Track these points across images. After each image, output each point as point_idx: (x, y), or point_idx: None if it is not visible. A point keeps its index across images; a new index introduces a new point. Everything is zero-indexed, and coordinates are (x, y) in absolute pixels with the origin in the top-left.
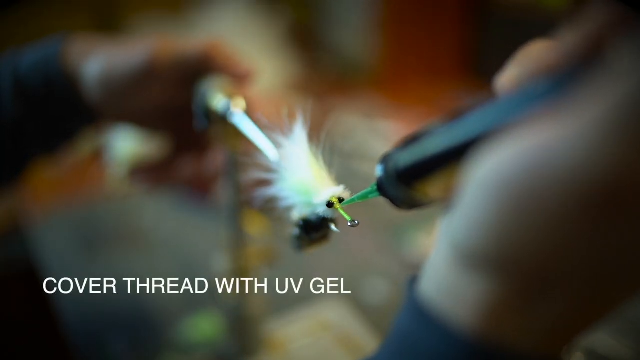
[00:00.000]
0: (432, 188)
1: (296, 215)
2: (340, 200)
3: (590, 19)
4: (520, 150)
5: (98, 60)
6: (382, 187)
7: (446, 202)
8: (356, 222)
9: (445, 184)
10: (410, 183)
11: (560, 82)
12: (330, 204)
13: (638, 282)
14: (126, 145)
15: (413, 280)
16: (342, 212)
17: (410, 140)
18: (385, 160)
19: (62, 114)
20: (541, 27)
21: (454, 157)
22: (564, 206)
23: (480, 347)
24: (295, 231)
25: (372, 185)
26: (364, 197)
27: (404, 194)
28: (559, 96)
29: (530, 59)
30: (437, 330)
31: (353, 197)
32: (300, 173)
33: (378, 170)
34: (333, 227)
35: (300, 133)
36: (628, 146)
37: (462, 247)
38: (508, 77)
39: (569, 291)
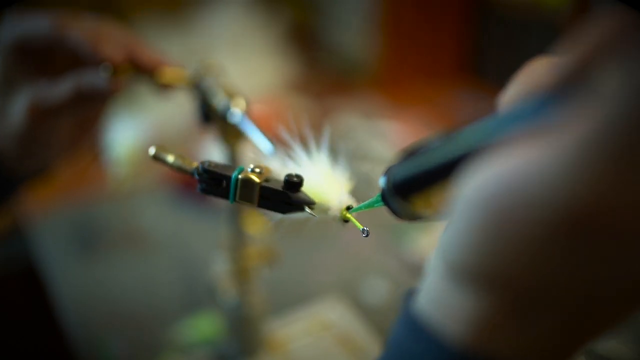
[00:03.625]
0: (427, 202)
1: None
2: (349, 208)
3: (589, 33)
4: (499, 171)
5: None
6: (384, 198)
7: (443, 216)
8: (367, 229)
9: (440, 199)
10: (406, 197)
11: (546, 103)
12: (346, 220)
13: (622, 306)
14: (125, 144)
15: (409, 294)
16: (354, 221)
17: (407, 154)
18: (387, 172)
19: None
20: (541, 27)
21: (446, 173)
22: (535, 229)
23: (468, 357)
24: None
25: (377, 196)
26: (370, 206)
27: (401, 207)
28: (543, 117)
29: (530, 76)
30: (429, 343)
31: (359, 205)
32: (314, 178)
33: (381, 182)
34: (308, 210)
35: (323, 142)
36: (598, 174)
37: (452, 262)
38: (509, 95)
39: (555, 311)
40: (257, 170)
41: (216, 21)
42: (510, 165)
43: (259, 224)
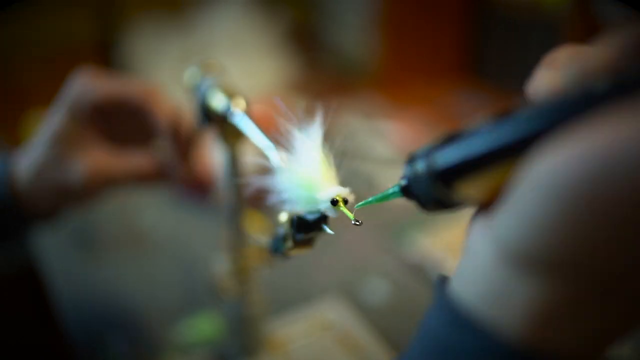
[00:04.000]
0: (473, 188)
1: (286, 213)
2: (345, 201)
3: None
4: (587, 151)
5: (29, 157)
6: (408, 188)
7: (484, 203)
8: (359, 221)
9: (489, 184)
10: (450, 182)
11: (623, 83)
12: (334, 202)
13: None
14: None
15: (443, 281)
16: (345, 211)
17: (450, 139)
18: (415, 159)
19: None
20: (541, 27)
21: (505, 156)
22: (624, 211)
23: (524, 354)
24: (281, 231)
25: (394, 186)
26: (385, 198)
27: (440, 194)
28: (624, 97)
29: (571, 62)
30: (477, 336)
31: (370, 199)
32: (308, 168)
33: (407, 170)
34: (326, 228)
35: (316, 130)
36: None
37: (514, 249)
38: (545, 81)
39: (626, 298)
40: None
41: (216, 21)
42: (603, 145)
43: (259, 224)
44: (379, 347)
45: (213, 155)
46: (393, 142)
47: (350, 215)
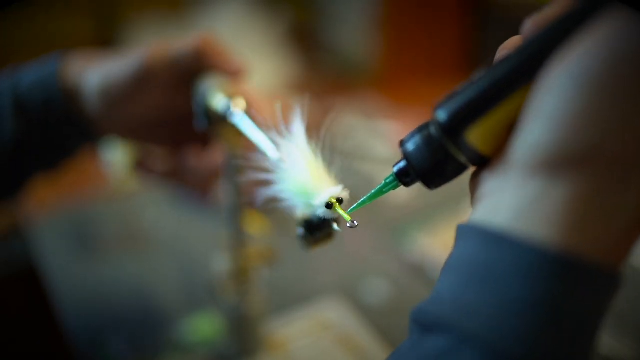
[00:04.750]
0: (485, 131)
1: (299, 215)
2: (340, 200)
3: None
4: (601, 42)
5: (95, 74)
6: (407, 169)
7: (493, 152)
8: (355, 223)
9: (500, 123)
10: (459, 132)
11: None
12: (329, 205)
13: None
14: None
15: (463, 224)
16: (341, 212)
17: (451, 95)
18: (411, 135)
19: (62, 133)
20: None
21: (515, 83)
22: None
23: (561, 260)
24: (300, 231)
25: (387, 178)
26: (379, 193)
27: (451, 149)
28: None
29: (526, 29)
30: (515, 250)
31: (364, 197)
32: (299, 173)
33: (408, 146)
34: (335, 226)
35: (298, 131)
36: None
37: (545, 153)
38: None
39: None
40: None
41: (216, 21)
42: (604, 37)
43: (259, 224)
44: (379, 347)
45: (214, 154)
46: (393, 142)
47: (347, 216)
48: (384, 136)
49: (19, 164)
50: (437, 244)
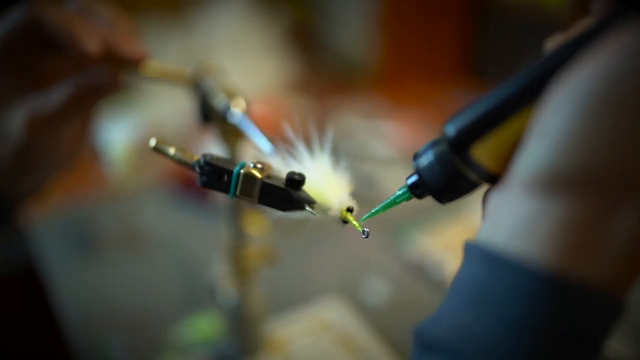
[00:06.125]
0: (490, 150)
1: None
2: (349, 209)
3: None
4: (604, 61)
5: None
6: (418, 183)
7: (501, 172)
8: (367, 231)
9: (505, 142)
10: (466, 148)
11: (606, 17)
12: (345, 221)
13: None
14: (122, 143)
15: (470, 242)
16: (355, 223)
17: (461, 111)
18: (422, 152)
19: None
20: (541, 27)
21: (519, 104)
22: None
23: (555, 281)
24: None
25: (401, 189)
26: (392, 203)
27: (458, 165)
28: (613, 24)
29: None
30: (510, 270)
31: (378, 207)
32: (312, 180)
33: (421, 161)
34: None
35: (324, 142)
36: None
37: (544, 173)
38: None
39: None
40: (259, 166)
41: (216, 21)
42: (608, 57)
43: (259, 224)
44: (379, 346)
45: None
46: (393, 142)
47: (359, 227)
48: (384, 136)
49: None
50: (437, 244)
